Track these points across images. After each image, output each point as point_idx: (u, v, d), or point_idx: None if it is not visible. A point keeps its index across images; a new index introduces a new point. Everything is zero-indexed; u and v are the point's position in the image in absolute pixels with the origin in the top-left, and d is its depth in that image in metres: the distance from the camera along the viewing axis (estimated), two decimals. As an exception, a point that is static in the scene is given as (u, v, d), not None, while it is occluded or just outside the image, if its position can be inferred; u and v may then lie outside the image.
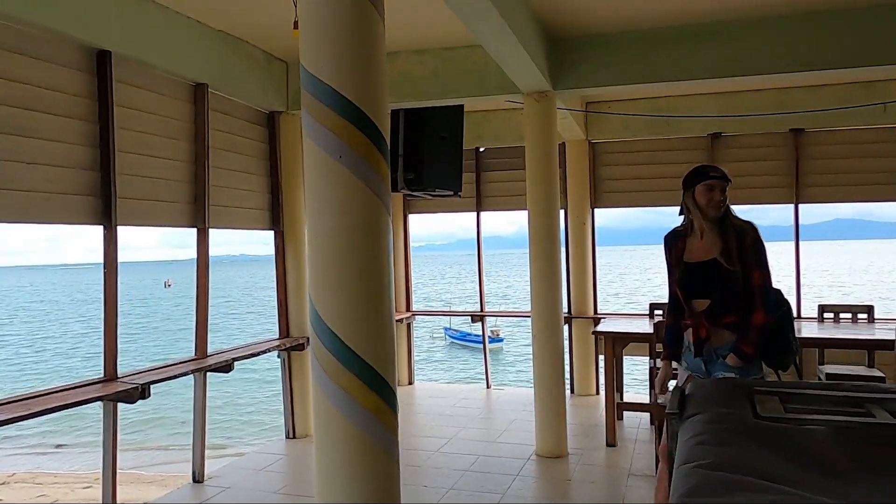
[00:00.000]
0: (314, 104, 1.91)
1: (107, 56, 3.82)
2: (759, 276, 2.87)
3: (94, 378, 3.95)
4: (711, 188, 2.95)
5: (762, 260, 2.89)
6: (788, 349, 2.97)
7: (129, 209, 4.02)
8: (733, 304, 2.88)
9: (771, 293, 2.91)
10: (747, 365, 2.84)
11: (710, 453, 1.66)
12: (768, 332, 2.86)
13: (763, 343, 2.86)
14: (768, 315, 2.85)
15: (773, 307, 2.89)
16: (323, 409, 1.93)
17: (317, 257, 1.96)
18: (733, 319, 2.88)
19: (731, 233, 2.92)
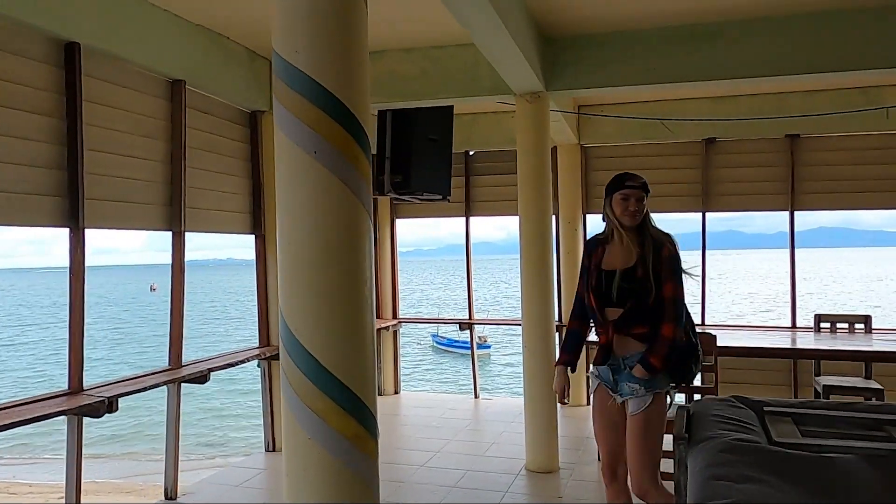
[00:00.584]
0: (287, 93, 1.70)
1: (75, 48, 3.59)
2: (672, 289, 2.84)
3: (58, 391, 3.71)
4: (626, 198, 2.92)
5: (676, 273, 2.87)
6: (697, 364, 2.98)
7: (98, 211, 3.79)
8: (644, 315, 2.86)
9: (682, 307, 2.88)
10: (653, 377, 2.83)
11: (731, 491, 1.48)
12: (676, 345, 2.85)
13: (671, 356, 2.84)
14: (677, 328, 2.84)
15: (682, 321, 2.87)
16: (294, 435, 1.72)
17: (288, 266, 1.75)
18: (643, 330, 2.86)
19: (648, 243, 2.89)
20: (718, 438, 1.87)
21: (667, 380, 2.89)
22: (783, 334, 6.01)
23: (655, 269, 2.84)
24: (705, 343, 4.44)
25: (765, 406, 2.32)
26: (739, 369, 6.14)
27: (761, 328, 7.16)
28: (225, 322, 35.71)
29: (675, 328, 2.81)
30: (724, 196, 6.66)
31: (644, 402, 2.83)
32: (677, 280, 2.86)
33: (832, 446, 1.92)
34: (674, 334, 2.81)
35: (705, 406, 2.27)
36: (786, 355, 5.58)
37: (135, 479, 10.28)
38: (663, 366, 2.81)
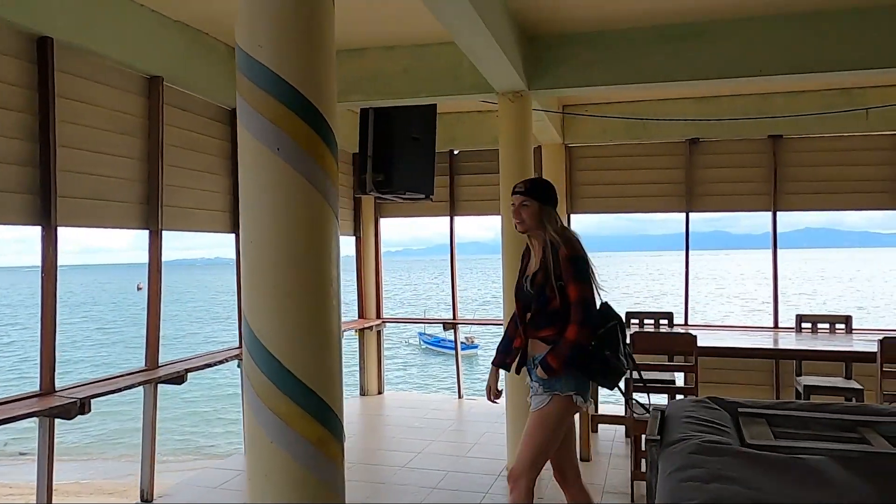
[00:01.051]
0: (250, 89, 1.66)
1: (48, 43, 3.53)
2: (574, 291, 2.83)
3: (30, 392, 3.64)
4: (513, 205, 2.99)
5: (578, 275, 2.84)
6: (610, 367, 2.87)
7: (71, 209, 3.73)
8: (549, 319, 2.87)
9: (587, 308, 2.84)
10: (554, 377, 2.83)
11: (699, 492, 1.46)
12: (580, 348, 2.81)
13: (576, 358, 2.81)
14: (581, 330, 2.80)
15: (589, 323, 2.83)
16: (257, 439, 1.67)
17: (250, 265, 1.71)
18: (548, 333, 2.88)
19: (547, 247, 2.91)
20: (690, 440, 1.85)
21: (571, 384, 2.84)
22: (765, 334, 6.03)
23: (556, 272, 2.84)
24: (685, 344, 4.45)
25: (739, 407, 2.31)
26: (721, 369, 6.16)
27: (743, 328, 7.18)
28: (211, 322, 35.45)
29: (579, 330, 2.79)
30: (708, 196, 6.68)
31: (542, 401, 2.86)
32: (579, 282, 2.82)
33: (805, 448, 1.91)
34: (575, 336, 2.79)
35: (679, 407, 2.26)
36: (767, 355, 5.59)
37: (127, 479, 10.17)
38: (561, 367, 2.79)
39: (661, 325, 6.01)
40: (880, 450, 1.89)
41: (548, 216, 2.94)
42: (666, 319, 6.04)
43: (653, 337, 4.86)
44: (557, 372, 2.80)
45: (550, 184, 3.12)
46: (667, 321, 6.03)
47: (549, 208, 2.96)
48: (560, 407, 2.84)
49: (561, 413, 2.85)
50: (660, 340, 4.78)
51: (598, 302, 2.93)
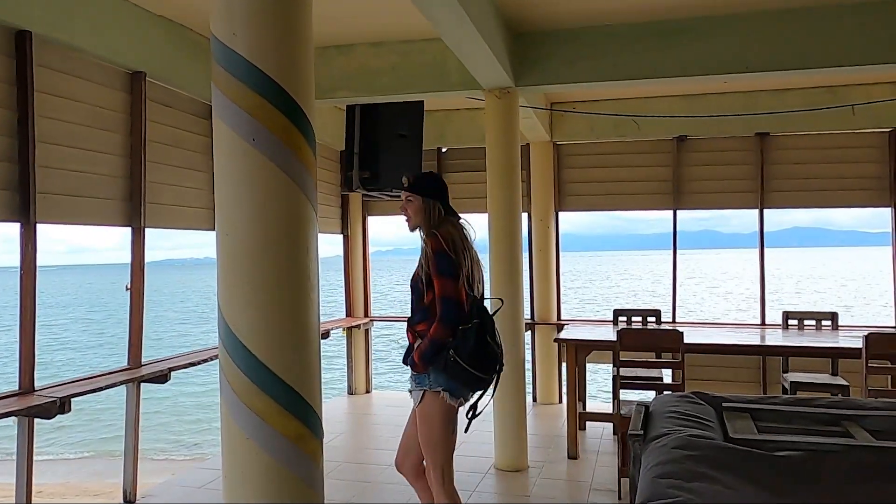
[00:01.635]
0: (225, 78, 1.63)
1: (26, 37, 3.47)
2: (438, 286, 2.80)
3: (8, 391, 3.58)
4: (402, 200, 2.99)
5: (439, 269, 2.80)
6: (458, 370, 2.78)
7: (51, 205, 3.67)
8: (423, 314, 2.88)
9: (446, 304, 2.78)
10: (418, 373, 2.85)
11: (680, 490, 1.44)
12: (438, 344, 2.77)
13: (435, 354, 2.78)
14: (441, 326, 2.77)
15: (448, 319, 2.77)
16: (233, 436, 1.64)
17: (226, 258, 1.67)
18: (423, 328, 2.88)
19: (423, 244, 2.93)
20: (673, 435, 1.84)
21: (440, 380, 2.80)
22: (752, 331, 6.04)
23: (427, 268, 2.83)
24: (672, 340, 4.45)
25: (724, 402, 2.30)
26: (708, 366, 6.17)
27: (731, 325, 7.20)
28: (201, 324, 35.22)
29: (438, 326, 2.76)
30: (696, 194, 6.69)
31: (417, 397, 2.88)
32: (440, 276, 2.79)
33: (787, 442, 1.90)
34: (433, 333, 2.77)
35: (663, 402, 2.24)
36: (753, 352, 5.60)
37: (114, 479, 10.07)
38: (422, 362, 2.79)
39: (648, 323, 6.01)
40: (863, 443, 1.89)
41: (430, 210, 2.92)
42: (653, 317, 6.04)
43: (639, 334, 4.86)
44: (418, 368, 2.82)
45: (436, 177, 3.08)
46: (654, 318, 6.03)
47: (433, 202, 2.93)
48: (434, 403, 2.84)
49: (436, 409, 2.84)
50: (646, 337, 4.78)
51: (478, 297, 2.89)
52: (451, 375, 2.77)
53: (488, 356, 2.81)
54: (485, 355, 2.79)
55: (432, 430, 2.87)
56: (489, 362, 2.82)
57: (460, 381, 2.80)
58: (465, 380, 2.80)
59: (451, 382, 2.80)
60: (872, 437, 1.98)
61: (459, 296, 2.80)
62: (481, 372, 2.79)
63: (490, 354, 2.81)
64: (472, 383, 2.84)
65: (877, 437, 1.95)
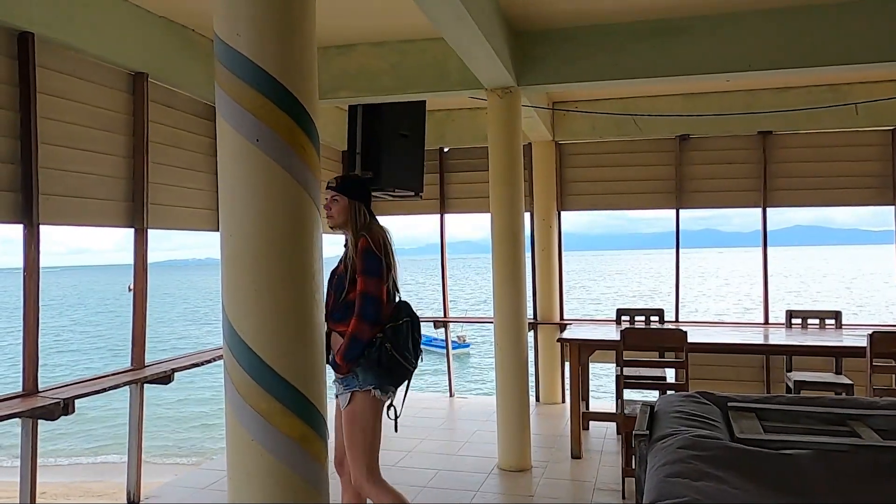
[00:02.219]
0: (228, 78, 1.62)
1: (29, 38, 3.47)
2: (361, 283, 2.84)
3: (12, 392, 3.58)
4: (325, 199, 2.98)
5: (366, 268, 2.84)
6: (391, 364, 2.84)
7: (54, 206, 3.67)
8: (345, 312, 2.88)
9: (368, 302, 2.82)
10: (340, 374, 2.86)
11: (687, 489, 1.43)
12: (360, 342, 2.81)
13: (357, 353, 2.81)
14: (361, 323, 2.80)
15: (369, 317, 2.81)
16: (237, 437, 1.63)
17: (230, 259, 1.67)
18: (343, 328, 2.88)
19: (351, 242, 2.95)
20: (679, 435, 1.83)
21: (369, 377, 2.84)
22: (755, 330, 6.03)
23: (354, 265, 2.87)
24: (675, 339, 4.44)
25: (729, 402, 2.29)
26: (712, 366, 6.17)
27: (734, 324, 7.19)
28: (203, 325, 35.24)
29: (359, 323, 2.79)
30: (698, 193, 6.68)
31: (345, 399, 2.87)
32: (365, 275, 2.83)
33: (794, 442, 1.89)
34: (354, 330, 2.79)
35: (668, 402, 2.23)
36: (757, 351, 5.59)
37: (116, 480, 10.09)
38: (343, 361, 2.81)
39: (651, 322, 6.00)
40: (870, 443, 1.88)
41: (356, 211, 2.96)
42: (656, 316, 6.03)
43: (643, 333, 4.86)
44: (341, 368, 2.83)
45: (361, 180, 3.22)
46: (657, 318, 6.02)
47: (358, 203, 2.98)
48: (363, 403, 2.85)
49: (368, 408, 2.85)
50: (650, 336, 4.77)
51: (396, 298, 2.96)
52: (385, 370, 2.82)
53: (416, 349, 2.94)
54: (413, 348, 2.93)
55: (365, 431, 2.87)
56: (416, 354, 2.94)
57: (392, 376, 2.87)
58: (398, 373, 2.88)
59: (383, 378, 2.85)
60: (879, 436, 1.97)
61: (381, 295, 2.85)
62: (409, 364, 2.90)
63: (416, 348, 2.95)
64: (402, 376, 2.91)
65: (883, 437, 1.94)
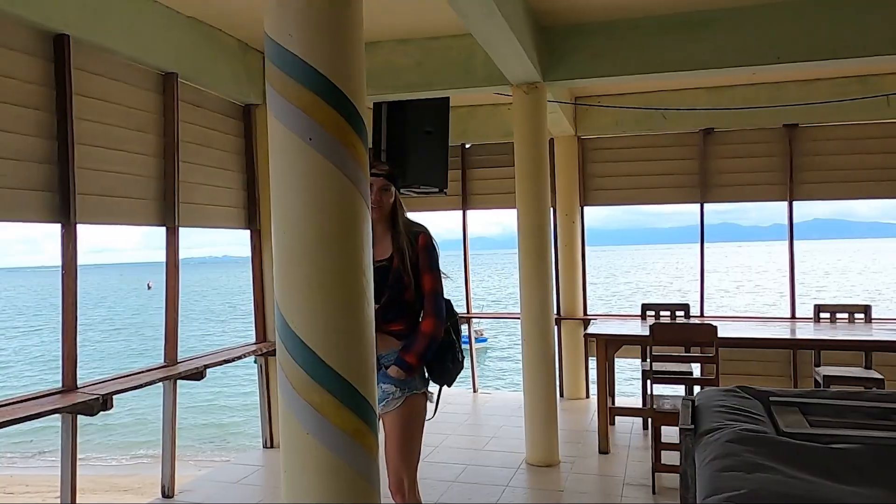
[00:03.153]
0: (281, 78, 1.65)
1: (65, 40, 3.53)
2: (430, 282, 2.69)
3: (52, 388, 3.65)
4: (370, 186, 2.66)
5: (433, 265, 2.72)
6: (455, 362, 2.80)
7: (90, 206, 3.73)
8: (401, 311, 2.69)
9: (442, 301, 2.71)
10: (410, 377, 2.65)
11: (742, 482, 1.44)
12: (436, 342, 2.68)
13: (429, 353, 2.67)
14: (438, 324, 2.66)
15: (444, 316, 2.70)
16: (292, 430, 1.67)
17: (284, 256, 1.70)
18: (400, 327, 2.69)
19: (402, 235, 2.73)
20: (726, 429, 1.83)
21: (424, 381, 2.72)
22: (783, 325, 5.98)
23: (412, 260, 2.69)
24: (705, 334, 4.42)
25: (770, 396, 2.28)
26: (739, 360, 6.12)
27: (760, 319, 7.13)
28: (221, 322, 35.56)
29: (436, 323, 2.65)
30: (723, 187, 6.63)
31: (398, 404, 2.65)
32: (435, 273, 2.71)
33: (841, 436, 1.89)
34: (433, 330, 2.64)
35: (710, 397, 2.23)
36: (786, 346, 5.55)
37: (141, 475, 10.24)
38: (420, 363, 2.65)
39: (676, 317, 5.97)
40: (919, 437, 1.87)
41: (400, 203, 2.81)
42: (682, 311, 6.00)
43: (672, 328, 4.84)
44: (416, 370, 2.64)
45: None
46: (683, 312, 5.99)
47: (399, 195, 2.84)
48: (420, 406, 2.71)
49: (421, 412, 2.72)
50: (679, 331, 4.75)
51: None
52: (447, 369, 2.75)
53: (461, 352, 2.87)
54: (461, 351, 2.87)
55: (414, 437, 2.70)
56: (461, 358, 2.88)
57: (451, 375, 2.80)
58: (456, 370, 2.81)
59: (442, 377, 2.78)
60: (927, 430, 1.95)
61: (443, 292, 2.75)
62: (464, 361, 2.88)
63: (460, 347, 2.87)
64: (458, 373, 2.84)
65: (931, 431, 1.93)
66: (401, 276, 2.65)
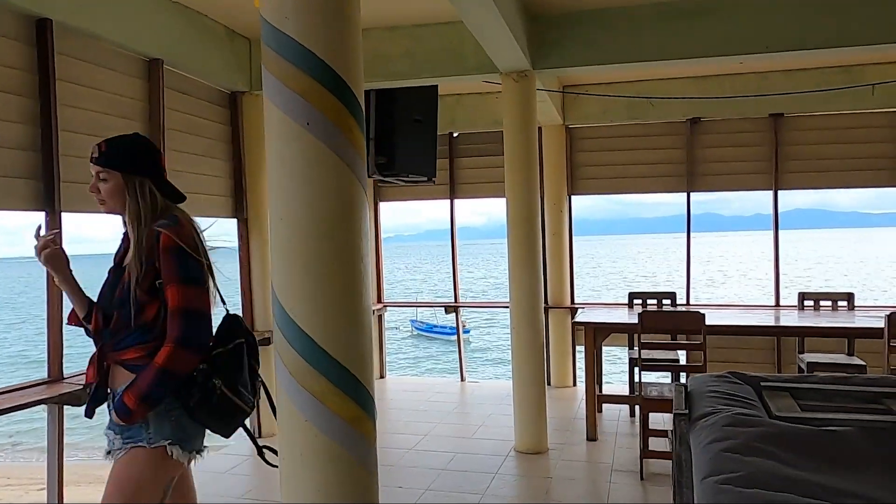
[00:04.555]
0: (277, 61, 1.62)
1: (47, 24, 3.46)
2: (175, 296, 1.96)
3: (38, 379, 3.60)
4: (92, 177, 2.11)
5: (182, 273, 1.97)
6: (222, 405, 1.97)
7: (75, 194, 3.67)
8: (140, 335, 2.01)
9: (193, 321, 1.96)
10: (130, 423, 1.96)
11: (739, 464, 1.45)
12: (175, 378, 1.94)
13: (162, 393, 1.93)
14: (179, 353, 1.93)
15: (195, 342, 1.96)
16: (290, 418, 1.66)
17: (281, 242, 1.68)
18: (135, 355, 2.00)
19: (141, 232, 2.04)
20: (720, 413, 1.85)
21: (165, 428, 1.98)
22: (767, 312, 6.05)
23: (149, 268, 1.99)
24: (693, 322, 4.46)
25: (762, 381, 2.31)
26: (724, 348, 6.19)
27: (746, 307, 7.21)
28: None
29: (176, 352, 1.93)
30: (709, 176, 6.67)
31: (118, 455, 2.01)
32: (184, 283, 1.96)
33: (832, 419, 1.91)
34: (168, 362, 1.92)
35: (702, 382, 2.25)
36: (771, 333, 5.62)
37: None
38: (140, 407, 1.92)
39: (663, 305, 6.03)
40: (909, 419, 1.90)
41: (138, 190, 2.07)
42: (668, 299, 6.05)
43: (661, 316, 4.87)
44: (135, 415, 1.93)
45: (141, 143, 2.18)
46: (669, 301, 6.04)
47: (140, 179, 2.08)
48: (144, 466, 1.96)
49: (146, 475, 1.96)
50: (668, 319, 4.79)
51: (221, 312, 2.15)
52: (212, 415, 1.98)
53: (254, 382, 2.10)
54: (252, 381, 2.08)
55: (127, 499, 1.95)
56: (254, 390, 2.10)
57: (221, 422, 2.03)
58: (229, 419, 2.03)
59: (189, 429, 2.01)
60: (916, 413, 1.99)
61: (209, 310, 2.03)
62: (248, 406, 2.05)
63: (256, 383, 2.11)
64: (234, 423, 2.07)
65: (920, 414, 1.97)
66: (129, 294, 1.99)
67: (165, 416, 1.96)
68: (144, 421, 1.96)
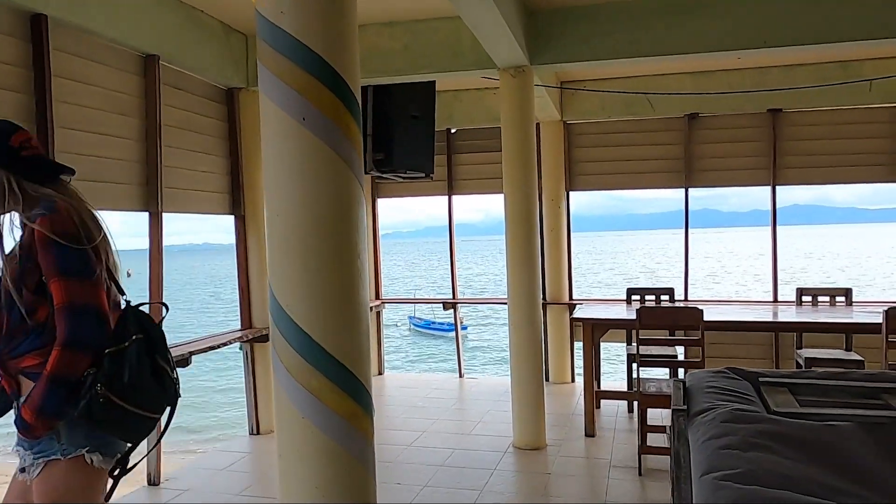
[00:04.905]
0: (273, 56, 1.61)
1: (42, 20, 3.44)
2: (58, 292, 1.76)
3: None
4: None
5: (62, 265, 1.76)
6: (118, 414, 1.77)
7: (71, 191, 3.65)
8: (35, 339, 1.82)
9: (79, 319, 1.76)
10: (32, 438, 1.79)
11: (738, 460, 1.45)
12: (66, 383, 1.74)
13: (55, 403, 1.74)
14: (67, 355, 1.74)
15: (85, 342, 1.76)
16: (287, 414, 1.65)
17: (277, 238, 1.67)
18: (33, 362, 1.81)
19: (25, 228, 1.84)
20: (718, 409, 1.85)
21: (78, 435, 1.81)
22: (765, 308, 6.06)
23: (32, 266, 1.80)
24: (692, 318, 4.46)
25: (760, 377, 2.30)
26: (722, 343, 6.20)
27: (744, 302, 7.23)
28: (201, 311, 35.30)
29: (64, 355, 1.74)
30: (707, 172, 6.67)
31: (35, 472, 1.82)
32: (67, 277, 1.76)
33: (830, 415, 1.91)
34: (58, 367, 1.73)
35: (700, 378, 2.25)
36: (770, 328, 5.62)
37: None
38: (40, 419, 1.74)
39: (661, 301, 6.03)
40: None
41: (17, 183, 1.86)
42: (667, 295, 6.05)
43: (659, 312, 4.88)
44: (36, 430, 1.76)
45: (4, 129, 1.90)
46: (667, 297, 6.04)
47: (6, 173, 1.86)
48: (72, 475, 1.81)
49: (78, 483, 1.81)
50: (666, 315, 4.79)
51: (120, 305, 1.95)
52: (101, 424, 1.78)
53: (162, 385, 1.87)
54: (155, 384, 1.85)
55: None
56: (163, 393, 1.87)
57: (117, 430, 1.84)
58: (127, 426, 1.83)
59: (102, 435, 1.82)
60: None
61: (102, 304, 1.82)
62: (150, 410, 1.85)
63: (164, 382, 1.88)
64: (137, 429, 1.86)
65: (918, 409, 1.96)
66: (18, 292, 1.80)
67: (76, 422, 1.77)
68: (55, 431, 1.79)
